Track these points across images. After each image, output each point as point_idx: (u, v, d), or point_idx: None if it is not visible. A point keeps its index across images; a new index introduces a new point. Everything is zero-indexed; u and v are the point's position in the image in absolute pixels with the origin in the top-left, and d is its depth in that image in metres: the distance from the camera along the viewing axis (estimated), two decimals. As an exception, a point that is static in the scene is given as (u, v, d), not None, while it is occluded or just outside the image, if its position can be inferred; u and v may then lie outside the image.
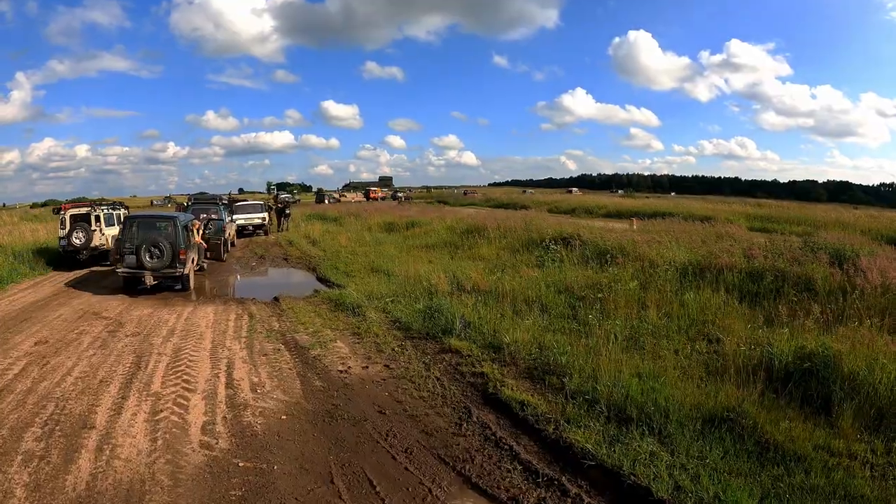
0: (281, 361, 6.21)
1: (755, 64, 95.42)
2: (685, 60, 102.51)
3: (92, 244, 13.36)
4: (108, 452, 4.17)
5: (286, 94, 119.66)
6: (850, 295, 7.59)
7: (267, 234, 22.30)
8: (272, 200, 36.51)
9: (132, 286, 10.87)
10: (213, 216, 16.10)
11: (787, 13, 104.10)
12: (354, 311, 8.34)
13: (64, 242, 13.38)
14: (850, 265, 8.60)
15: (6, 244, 15.20)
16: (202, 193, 22.38)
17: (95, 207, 14.02)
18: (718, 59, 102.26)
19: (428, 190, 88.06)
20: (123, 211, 15.06)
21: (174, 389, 5.37)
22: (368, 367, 6.13)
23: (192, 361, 6.17)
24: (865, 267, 8.28)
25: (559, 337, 6.89)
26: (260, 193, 71.95)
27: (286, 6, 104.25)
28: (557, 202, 42.05)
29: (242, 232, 21.26)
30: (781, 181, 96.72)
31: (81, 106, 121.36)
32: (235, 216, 20.46)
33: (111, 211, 14.48)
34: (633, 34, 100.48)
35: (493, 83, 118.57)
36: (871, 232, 19.03)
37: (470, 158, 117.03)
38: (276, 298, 10.00)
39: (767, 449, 4.14)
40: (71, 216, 13.56)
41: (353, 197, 62.04)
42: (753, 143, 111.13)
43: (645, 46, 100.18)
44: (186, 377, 5.68)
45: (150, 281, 10.57)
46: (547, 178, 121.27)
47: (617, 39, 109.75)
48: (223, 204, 19.10)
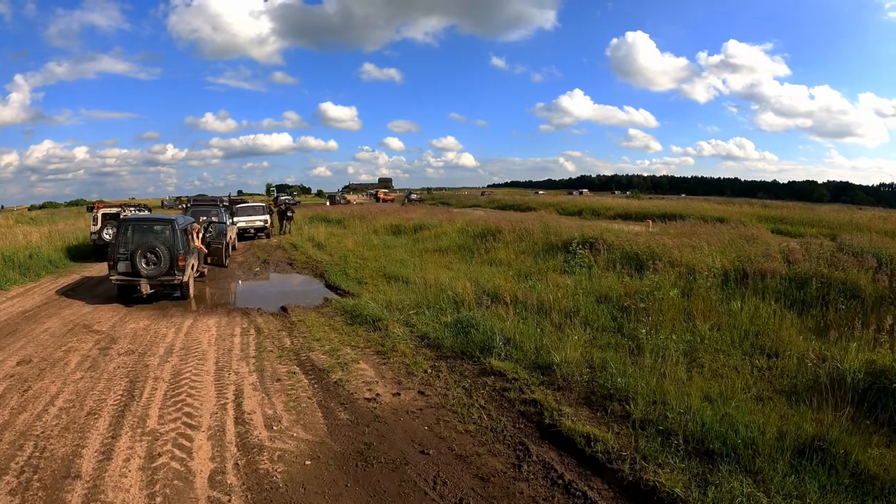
0: (298, 388, 5.36)
1: (753, 64, 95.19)
2: (683, 61, 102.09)
3: None
4: (93, 516, 3.33)
5: (285, 95, 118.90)
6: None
7: (269, 237, 21.43)
8: (271, 203, 35.67)
9: (127, 295, 10.02)
10: (213, 219, 15.23)
11: (784, 13, 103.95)
12: (374, 324, 7.49)
13: (95, 237, 15.08)
14: (886, 270, 8.21)
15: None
16: (202, 195, 21.47)
17: (125, 208, 16.16)
18: (716, 59, 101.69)
19: (429, 192, 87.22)
20: (146, 212, 16.74)
21: (174, 426, 4.52)
22: (400, 393, 5.29)
23: (193, 389, 5.31)
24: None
25: (609, 354, 6.14)
26: (259, 196, 70.91)
27: (284, 8, 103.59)
28: (563, 203, 41.26)
29: (244, 235, 20.39)
30: (781, 182, 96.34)
31: (80, 108, 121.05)
32: (236, 218, 19.59)
33: (137, 211, 16.38)
34: (630, 35, 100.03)
35: (491, 84, 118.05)
36: (888, 233, 18.47)
37: (468, 160, 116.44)
38: (283, 309, 9.16)
39: (864, 481, 3.65)
40: (102, 214, 15.33)
41: (354, 198, 61.35)
42: (752, 143, 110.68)
43: (643, 47, 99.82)
44: (188, 409, 4.83)
45: (146, 289, 9.72)
46: (546, 179, 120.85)
47: (615, 40, 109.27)
48: (224, 206, 18.23)
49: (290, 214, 22.83)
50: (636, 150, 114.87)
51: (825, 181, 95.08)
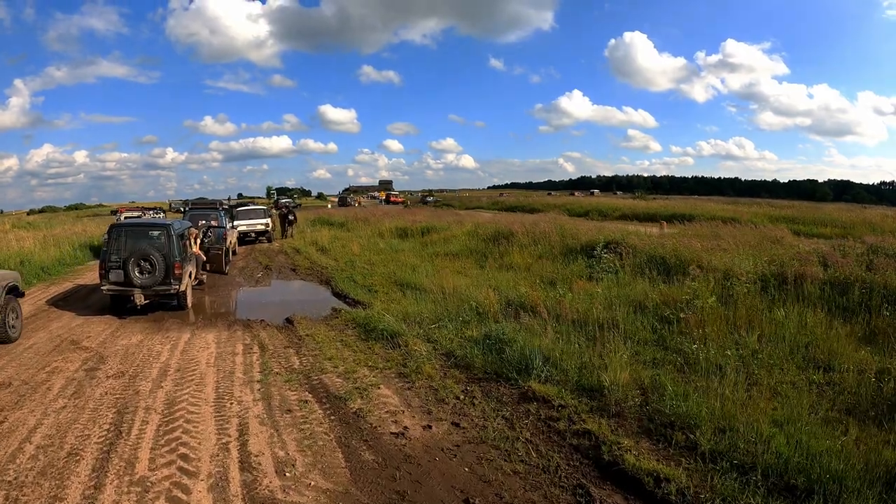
0: (312, 421, 4.61)
1: (751, 64, 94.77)
2: (681, 61, 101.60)
3: None
4: None
5: (284, 98, 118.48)
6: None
7: (270, 241, 20.68)
8: (271, 206, 34.94)
9: (120, 305, 9.29)
10: (212, 223, 14.47)
11: (782, 12, 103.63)
12: (392, 340, 6.75)
13: None
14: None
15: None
16: (201, 199, 20.74)
17: (145, 212, 18.88)
18: (714, 59, 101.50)
19: (430, 193, 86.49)
20: (161, 215, 18.77)
21: (167, 472, 3.78)
22: (432, 426, 4.56)
23: (190, 422, 4.57)
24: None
25: (658, 372, 5.49)
26: (259, 199, 70.21)
27: (281, 11, 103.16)
28: (569, 204, 40.56)
29: (244, 239, 19.63)
30: (781, 181, 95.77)
31: (80, 112, 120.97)
32: (237, 222, 18.83)
33: (155, 215, 18.53)
34: (628, 35, 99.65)
35: (489, 86, 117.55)
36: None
37: (468, 161, 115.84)
38: (289, 321, 8.43)
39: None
40: (125, 217, 17.24)
41: (358, 200, 61.04)
42: (751, 143, 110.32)
43: (641, 47, 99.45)
44: (184, 450, 4.08)
45: (140, 300, 8.98)
46: (546, 180, 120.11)
47: (613, 41, 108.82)
48: (223, 209, 17.48)
49: (291, 218, 22.08)
50: (635, 150, 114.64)
51: (826, 180, 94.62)
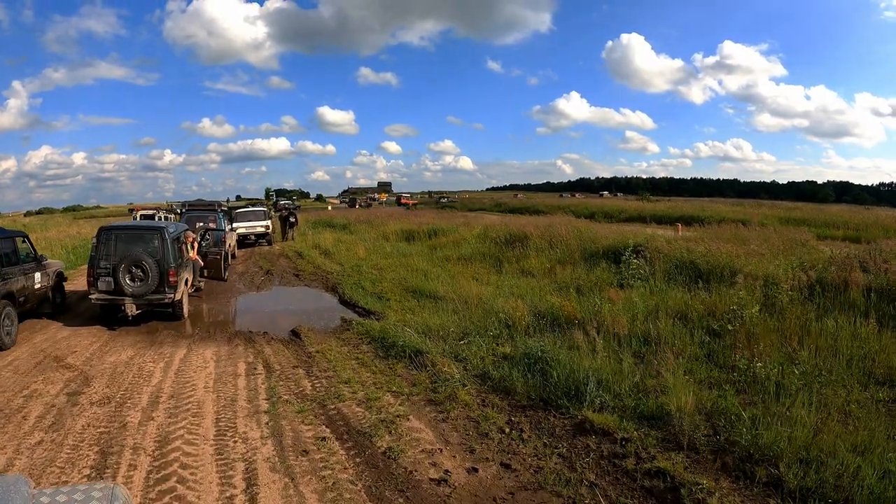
0: (334, 465, 3.82)
1: (749, 65, 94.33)
2: (678, 63, 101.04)
3: None
4: None
5: (282, 100, 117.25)
6: None
7: (271, 244, 19.87)
8: (270, 207, 34.10)
9: (111, 314, 8.49)
10: (210, 225, 13.64)
11: (779, 13, 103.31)
12: (415, 358, 5.96)
13: None
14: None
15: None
16: (199, 200, 19.88)
17: (158, 210, 18.44)
18: (712, 60, 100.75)
19: (430, 195, 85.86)
20: (173, 216, 17.61)
21: (157, 542, 3.00)
22: (478, 469, 3.78)
23: (187, 467, 3.77)
24: None
25: (721, 395, 4.87)
26: (259, 200, 69.43)
27: (279, 13, 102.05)
28: (574, 206, 39.88)
29: (243, 242, 18.81)
30: (780, 182, 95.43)
31: (78, 114, 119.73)
32: (236, 224, 18.02)
33: (167, 214, 18.20)
34: (625, 37, 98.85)
35: (487, 88, 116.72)
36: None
37: (466, 163, 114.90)
38: (295, 333, 7.66)
39: None
40: (141, 215, 17.39)
41: (361, 200, 60.73)
42: (749, 144, 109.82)
43: (638, 49, 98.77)
44: (179, 508, 3.30)
45: (131, 310, 8.18)
46: (545, 181, 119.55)
47: (610, 43, 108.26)
48: (222, 211, 16.65)
49: (292, 220, 21.26)
50: (633, 152, 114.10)
51: (825, 181, 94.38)
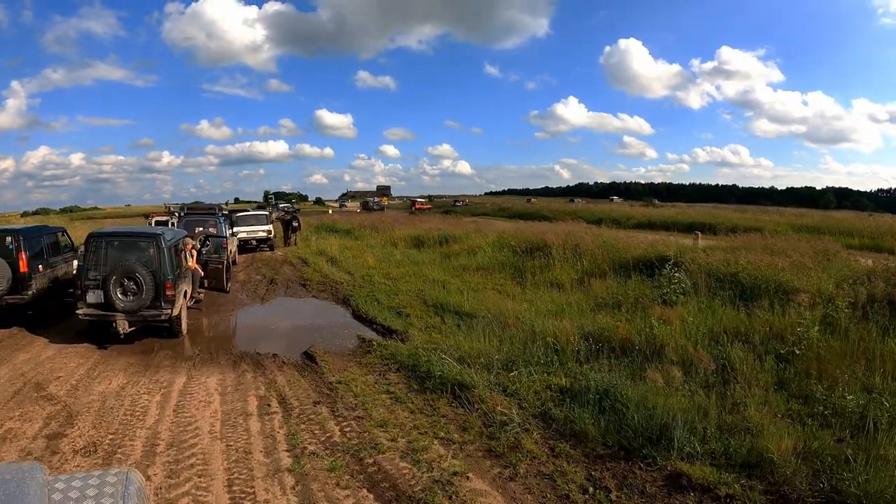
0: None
1: (746, 70, 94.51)
2: (676, 68, 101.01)
3: None
4: None
5: (280, 103, 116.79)
6: None
7: (273, 249, 18.92)
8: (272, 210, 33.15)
9: (102, 331, 7.57)
10: (210, 230, 12.68)
11: (777, 19, 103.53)
12: (456, 392, 5.06)
13: None
14: None
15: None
16: (197, 202, 18.91)
17: (172, 215, 18.10)
18: (709, 66, 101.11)
19: (430, 199, 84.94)
20: (170, 219, 17.28)
21: None
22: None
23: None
24: None
25: (809, 433, 4.24)
26: (257, 203, 68.37)
27: (278, 16, 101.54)
28: (580, 211, 39.09)
29: (244, 247, 17.85)
30: (779, 188, 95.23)
31: (77, 114, 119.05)
32: (237, 228, 17.06)
33: (167, 217, 17.78)
34: (623, 42, 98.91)
35: (485, 92, 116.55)
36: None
37: (464, 167, 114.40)
38: (308, 356, 6.77)
39: None
40: (155, 221, 16.91)
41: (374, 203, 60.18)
42: (747, 150, 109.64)
43: (636, 54, 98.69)
44: None
45: (123, 328, 7.26)
46: (543, 186, 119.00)
47: (608, 48, 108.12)
48: (223, 215, 15.68)
49: (295, 224, 20.32)
50: (631, 157, 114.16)
51: (824, 187, 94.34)
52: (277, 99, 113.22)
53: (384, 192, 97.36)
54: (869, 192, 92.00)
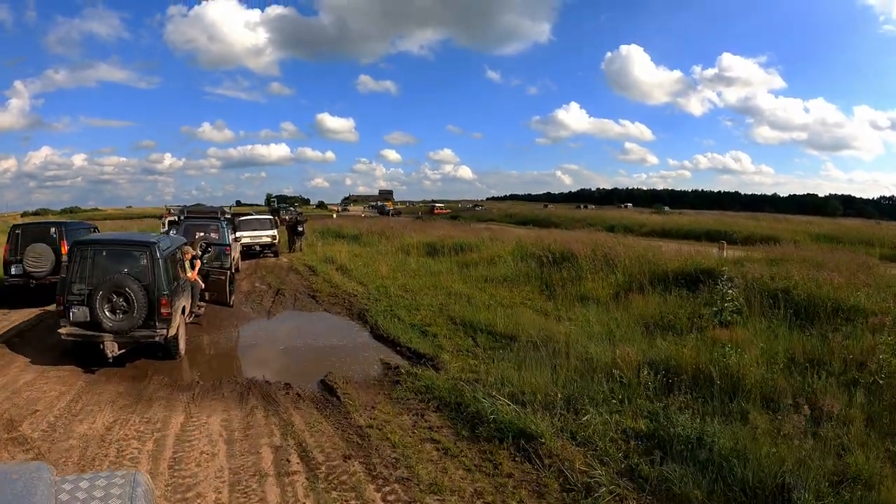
0: None
1: (748, 77, 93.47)
2: (677, 74, 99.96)
3: None
4: None
5: (282, 106, 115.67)
6: None
7: (277, 255, 17.96)
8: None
9: (89, 350, 6.62)
10: (212, 235, 11.69)
11: (778, 26, 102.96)
12: (518, 442, 4.10)
13: None
14: None
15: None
16: (198, 205, 17.88)
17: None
18: (711, 72, 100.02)
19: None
20: (170, 222, 16.68)
21: None
22: None
23: None
24: None
25: None
26: (259, 206, 67.54)
27: (280, 19, 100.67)
28: (591, 218, 38.24)
29: (247, 252, 16.87)
30: (781, 195, 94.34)
31: (79, 115, 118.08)
32: (239, 233, 16.09)
33: (168, 219, 17.32)
34: (625, 48, 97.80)
35: (487, 97, 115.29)
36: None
37: (466, 172, 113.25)
38: (326, 387, 5.84)
39: None
40: (168, 221, 16.45)
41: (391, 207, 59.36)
42: (748, 156, 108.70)
43: (637, 61, 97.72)
44: None
45: (112, 350, 6.30)
46: (545, 192, 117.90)
47: (609, 54, 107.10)
48: (226, 219, 14.70)
49: (301, 229, 19.37)
50: (633, 163, 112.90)
51: (826, 194, 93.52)
52: (279, 102, 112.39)
53: (387, 196, 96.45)
54: (872, 199, 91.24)
